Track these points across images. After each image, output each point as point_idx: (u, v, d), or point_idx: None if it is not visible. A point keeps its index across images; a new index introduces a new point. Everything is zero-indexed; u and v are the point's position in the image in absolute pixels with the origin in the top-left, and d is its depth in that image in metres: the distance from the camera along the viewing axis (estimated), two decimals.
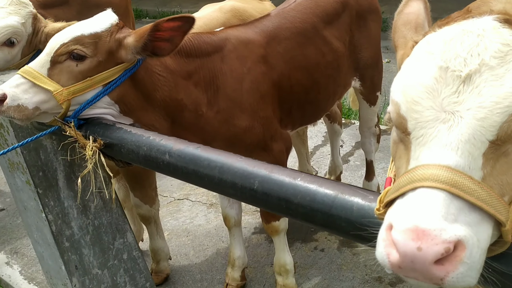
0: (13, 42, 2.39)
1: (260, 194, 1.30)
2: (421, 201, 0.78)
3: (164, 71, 2.03)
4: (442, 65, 0.85)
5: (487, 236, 0.79)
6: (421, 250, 0.73)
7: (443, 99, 0.83)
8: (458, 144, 0.79)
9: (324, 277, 2.88)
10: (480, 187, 0.78)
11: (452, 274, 0.74)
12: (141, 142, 1.65)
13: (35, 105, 1.78)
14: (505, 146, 0.81)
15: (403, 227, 0.76)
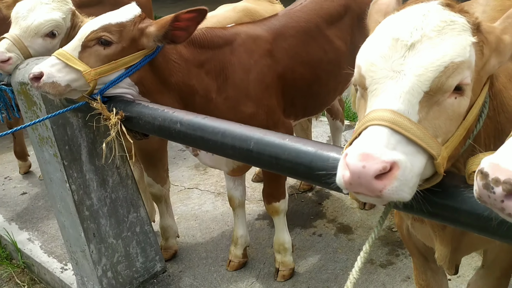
0: (54, 34, 2.69)
1: (255, 153, 1.55)
2: (369, 134, 1.02)
3: (179, 59, 2.30)
4: (394, 37, 1.10)
5: (420, 164, 1.02)
6: (365, 167, 0.97)
7: (393, 62, 1.07)
8: (400, 94, 1.03)
9: (320, 258, 3.10)
10: (416, 127, 1.02)
11: (388, 187, 0.97)
12: (156, 115, 1.92)
13: (67, 82, 2.05)
14: (437, 96, 1.05)
15: (354, 153, 1.00)
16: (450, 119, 1.08)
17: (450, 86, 1.05)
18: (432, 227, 1.57)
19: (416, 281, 2.06)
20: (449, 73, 1.04)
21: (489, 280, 1.86)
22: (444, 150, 1.06)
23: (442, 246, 1.56)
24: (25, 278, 3.51)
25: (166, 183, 3.12)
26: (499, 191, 0.85)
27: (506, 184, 0.84)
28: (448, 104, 1.06)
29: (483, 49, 1.11)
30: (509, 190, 0.84)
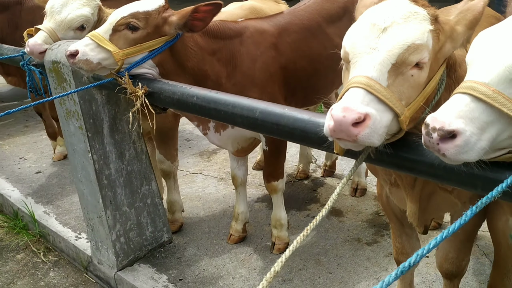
0: (84, 27, 3.04)
1: (260, 121, 1.87)
2: (349, 94, 1.33)
3: (195, 46, 2.62)
4: (371, 23, 1.42)
5: (386, 119, 1.33)
6: (345, 117, 1.27)
7: (370, 41, 1.39)
8: (374, 65, 1.35)
9: (313, 236, 3.40)
10: (385, 90, 1.33)
11: (362, 133, 1.28)
12: (175, 90, 2.24)
13: (98, 60, 2.36)
14: (401, 68, 1.36)
15: (337, 107, 1.31)
16: (411, 87, 1.39)
17: (412, 61, 1.37)
18: (404, 188, 1.88)
19: (393, 244, 2.37)
20: (411, 51, 1.36)
21: (455, 243, 2.17)
22: (407, 111, 1.38)
23: (412, 204, 1.88)
24: (41, 246, 3.81)
25: (175, 161, 3.44)
26: (435, 136, 1.17)
27: (439, 131, 1.15)
28: (410, 75, 1.38)
29: (439, 35, 1.43)
30: (442, 135, 1.15)
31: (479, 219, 2.09)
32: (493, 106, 1.15)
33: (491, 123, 1.16)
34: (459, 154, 1.17)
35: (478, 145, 1.16)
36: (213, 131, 2.95)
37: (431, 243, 1.09)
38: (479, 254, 3.09)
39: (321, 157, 4.57)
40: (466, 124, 1.15)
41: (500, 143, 1.20)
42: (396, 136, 1.42)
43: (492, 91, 1.16)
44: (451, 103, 1.20)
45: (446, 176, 1.40)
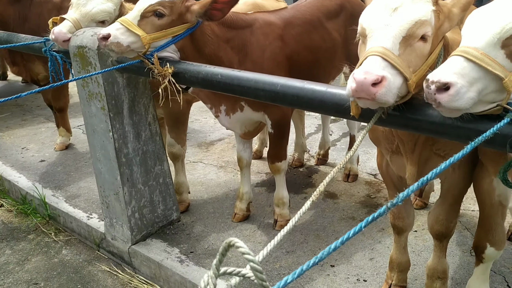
0: (105, 21, 3.29)
1: (281, 94, 2.15)
2: (368, 60, 1.62)
3: (212, 34, 2.89)
4: (385, 4, 1.73)
5: (398, 81, 1.63)
6: (365, 78, 1.57)
7: (384, 18, 1.70)
8: (388, 37, 1.65)
9: (311, 215, 3.69)
10: (397, 58, 1.63)
11: (380, 91, 1.58)
12: (200, 70, 2.50)
13: (127, 43, 2.60)
14: (410, 40, 1.67)
15: (359, 71, 1.60)
16: (417, 56, 1.70)
17: (418, 34, 1.68)
18: (405, 152, 2.19)
19: (390, 211, 2.67)
20: (418, 26, 1.67)
21: (444, 206, 2.48)
22: (414, 76, 1.68)
23: (411, 166, 2.18)
24: (51, 227, 3.99)
25: (184, 145, 3.70)
26: (433, 88, 1.47)
27: (437, 83, 1.46)
28: (417, 46, 1.69)
29: (439, 15, 1.75)
30: (438, 86, 1.46)
31: (466, 183, 2.41)
32: (481, 65, 1.47)
33: (479, 79, 1.47)
34: (452, 102, 1.47)
35: (467, 95, 1.46)
36: (224, 114, 3.21)
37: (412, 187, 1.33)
38: (462, 229, 3.43)
39: (314, 148, 4.88)
40: (458, 78, 1.46)
41: (486, 96, 1.51)
42: (405, 98, 1.72)
43: (480, 53, 1.48)
44: (447, 63, 1.51)
45: (445, 131, 1.70)
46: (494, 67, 1.46)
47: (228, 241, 0.87)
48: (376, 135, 2.39)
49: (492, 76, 1.47)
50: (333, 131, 5.37)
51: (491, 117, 1.59)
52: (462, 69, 1.47)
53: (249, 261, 0.86)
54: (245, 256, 0.86)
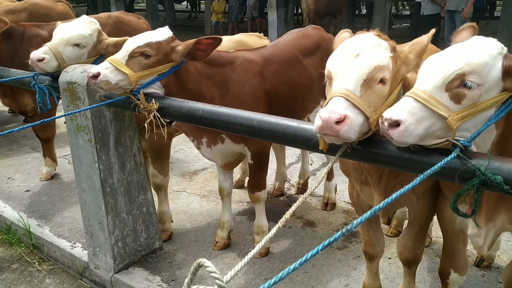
0: (81, 45, 3.50)
1: (257, 129, 2.32)
2: (333, 101, 1.82)
3: (195, 71, 3.08)
4: (348, 50, 1.93)
5: (360, 120, 1.81)
6: (330, 117, 1.75)
7: (347, 63, 1.90)
8: (350, 80, 1.85)
9: (290, 243, 3.82)
10: (358, 98, 1.82)
11: (343, 128, 1.76)
12: (182, 106, 2.68)
13: (116, 81, 2.77)
14: (370, 83, 1.87)
15: (324, 110, 1.79)
16: (377, 97, 1.90)
17: (377, 78, 1.88)
18: (372, 183, 2.37)
19: (362, 238, 2.83)
20: (377, 70, 1.87)
21: (412, 233, 2.65)
22: (374, 115, 1.87)
23: (378, 196, 2.36)
24: (35, 257, 4.04)
25: (167, 175, 3.84)
26: (386, 124, 1.67)
27: (388, 120, 1.65)
28: (377, 88, 1.89)
29: (397, 61, 1.96)
30: (390, 123, 1.65)
31: (430, 212, 2.59)
32: (427, 106, 1.67)
33: (426, 117, 1.67)
34: (401, 137, 1.67)
35: (415, 132, 1.66)
36: (206, 146, 3.37)
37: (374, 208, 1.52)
38: (433, 256, 3.59)
39: (294, 178, 5.05)
40: (407, 116, 1.66)
41: (434, 133, 1.70)
42: (367, 134, 1.90)
43: (427, 95, 1.68)
44: (399, 102, 1.72)
45: (403, 164, 1.88)
46: (438, 108, 1.67)
47: (198, 262, 1.02)
48: (346, 167, 2.57)
49: (438, 115, 1.67)
50: (313, 161, 5.56)
51: (444, 151, 1.78)
52: (412, 108, 1.67)
53: (215, 279, 1.01)
54: (212, 275, 1.01)
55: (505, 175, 1.63)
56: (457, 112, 1.69)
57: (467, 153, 1.73)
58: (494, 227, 2.19)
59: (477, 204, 1.72)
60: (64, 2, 6.68)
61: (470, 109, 1.70)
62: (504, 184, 1.62)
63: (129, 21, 5.77)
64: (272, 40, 4.02)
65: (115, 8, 14.75)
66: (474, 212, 1.75)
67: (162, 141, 3.63)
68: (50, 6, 6.38)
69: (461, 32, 2.13)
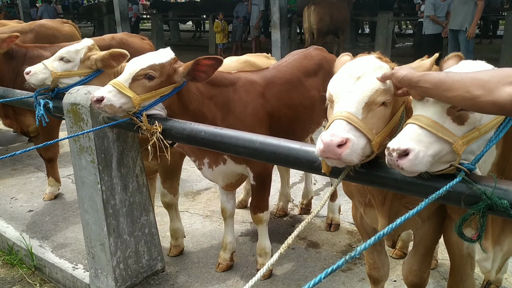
0: (66, 60, 3.63)
1: (259, 150, 2.31)
2: (334, 124, 1.80)
3: (196, 92, 3.08)
4: (349, 73, 1.93)
5: (362, 143, 1.79)
6: (332, 140, 1.73)
7: (348, 86, 1.89)
8: (352, 103, 1.84)
9: (293, 265, 3.77)
10: (360, 121, 1.81)
11: (345, 152, 1.74)
12: (185, 127, 2.67)
13: (120, 105, 2.77)
14: (372, 106, 1.85)
15: (326, 133, 1.78)
16: (379, 120, 1.89)
17: (379, 101, 1.87)
18: (376, 205, 2.34)
19: (366, 261, 2.78)
20: (378, 93, 1.86)
21: (417, 257, 2.61)
22: (377, 138, 1.86)
23: (382, 219, 2.32)
24: (36, 278, 4.00)
25: (177, 194, 3.91)
26: (394, 155, 1.64)
27: (397, 151, 1.62)
28: (378, 111, 1.88)
29: None
30: (399, 154, 1.62)
31: (436, 235, 2.55)
32: (431, 131, 1.65)
33: (433, 143, 1.65)
34: (412, 167, 1.64)
35: (425, 159, 1.63)
36: (207, 167, 3.36)
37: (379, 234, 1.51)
38: (440, 279, 3.52)
39: (298, 197, 5.01)
40: (415, 144, 1.63)
41: (441, 158, 1.68)
42: (370, 157, 1.89)
43: (431, 121, 1.66)
44: (404, 131, 1.69)
45: (407, 187, 1.86)
46: (443, 133, 1.65)
47: None
48: (349, 189, 2.55)
49: (443, 141, 1.65)
50: (317, 181, 5.53)
51: (448, 175, 1.76)
52: (418, 135, 1.65)
53: None
54: None
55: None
56: (462, 137, 1.67)
57: (472, 177, 1.70)
58: (502, 251, 2.15)
59: (483, 228, 1.69)
60: (70, 23, 6.77)
61: (474, 133, 1.68)
62: (510, 209, 1.59)
63: (133, 43, 5.82)
64: (276, 60, 4.03)
65: (121, 29, 14.93)
66: (480, 237, 1.72)
67: (175, 161, 3.65)
68: (56, 27, 6.46)
69: (447, 61, 2.14)
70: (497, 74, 1.56)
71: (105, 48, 3.91)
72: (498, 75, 1.56)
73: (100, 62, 3.61)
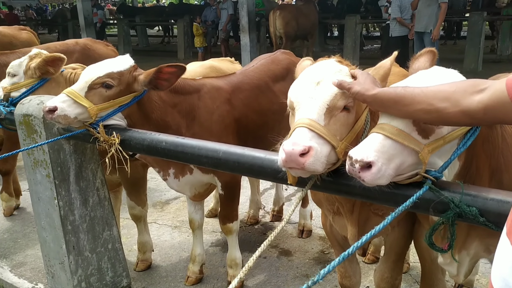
0: (9, 73, 3.52)
1: (223, 160, 2.20)
2: (296, 132, 1.71)
3: (159, 100, 2.95)
4: (309, 78, 1.85)
5: (326, 150, 1.71)
6: (293, 149, 1.64)
7: (308, 92, 1.81)
8: (313, 109, 1.75)
9: (265, 274, 3.67)
10: (322, 127, 1.72)
11: (308, 161, 1.65)
12: (145, 137, 2.54)
13: (75, 115, 2.62)
14: (334, 111, 1.77)
15: (287, 142, 1.68)
16: (343, 125, 1.81)
17: (341, 105, 1.78)
18: (345, 214, 2.26)
19: (337, 269, 2.70)
20: (339, 97, 1.78)
21: (388, 263, 2.55)
22: (341, 144, 1.78)
23: (352, 227, 2.25)
24: None
25: (145, 206, 3.75)
26: (357, 167, 1.56)
27: (360, 162, 1.55)
28: (341, 116, 1.80)
29: None
30: (362, 166, 1.55)
31: (407, 241, 2.50)
32: (397, 141, 1.58)
33: (396, 155, 1.58)
34: (374, 180, 1.57)
35: (388, 173, 1.57)
36: (173, 177, 3.22)
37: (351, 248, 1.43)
38: (412, 282, 3.49)
39: (269, 204, 4.92)
40: (379, 157, 1.55)
41: (405, 169, 1.61)
42: (336, 165, 1.80)
43: (396, 130, 1.59)
44: (368, 140, 1.61)
45: (375, 196, 1.78)
46: (410, 142, 1.58)
47: None
48: (318, 197, 2.47)
49: (409, 150, 1.59)
50: (288, 187, 5.44)
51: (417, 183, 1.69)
52: (382, 146, 1.57)
53: None
54: None
55: (480, 206, 1.56)
56: (427, 145, 1.61)
57: (440, 184, 1.64)
58: (468, 255, 2.10)
59: (453, 238, 1.63)
60: (28, 30, 6.51)
61: (439, 141, 1.62)
62: (480, 216, 1.54)
63: (97, 49, 5.64)
64: (245, 63, 3.94)
65: (85, 34, 14.58)
66: (451, 246, 1.65)
67: (138, 173, 3.50)
68: (13, 34, 6.20)
69: (419, 58, 2.07)
70: (461, 85, 1.52)
71: (69, 54, 3.74)
72: (463, 86, 1.51)
73: (37, 70, 3.45)
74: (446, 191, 1.61)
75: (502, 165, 1.86)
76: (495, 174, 1.85)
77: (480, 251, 2.04)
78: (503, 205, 1.52)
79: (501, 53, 13.14)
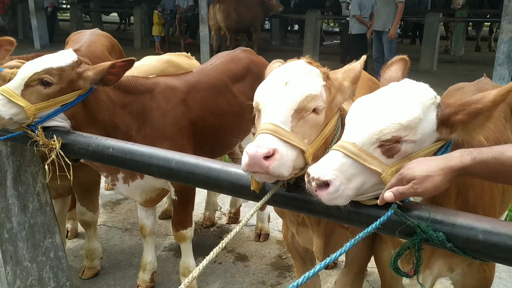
0: None
1: (176, 170, 2.03)
2: (259, 138, 1.58)
3: (107, 99, 2.72)
4: (277, 79, 1.71)
5: (292, 154, 1.59)
6: (257, 152, 1.51)
7: (276, 93, 1.67)
8: (280, 111, 1.62)
9: (220, 282, 3.52)
10: (288, 132, 1.60)
11: (272, 165, 1.52)
12: (90, 142, 2.32)
13: (10, 116, 2.36)
14: (302, 113, 1.65)
15: (251, 146, 1.54)
16: (311, 128, 1.69)
17: (310, 108, 1.67)
18: (310, 225, 2.15)
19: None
20: (308, 100, 1.66)
21: (349, 276, 2.46)
22: (310, 148, 1.66)
23: (318, 239, 2.14)
24: None
25: (97, 211, 3.54)
26: (314, 185, 1.46)
27: (317, 180, 1.45)
28: (310, 118, 1.68)
29: (331, 89, 1.76)
30: (318, 184, 1.45)
31: (369, 253, 2.41)
32: (358, 161, 1.47)
33: (357, 174, 1.48)
34: (331, 200, 1.48)
35: (345, 193, 1.47)
36: (122, 182, 3.00)
37: (317, 267, 1.36)
38: None
39: (226, 205, 4.76)
40: (337, 176, 1.46)
41: (368, 189, 1.52)
42: (303, 170, 1.67)
43: (358, 149, 1.49)
44: (327, 157, 1.51)
45: (339, 215, 1.66)
46: (371, 163, 1.49)
47: None
48: (280, 209, 2.34)
49: (371, 171, 1.49)
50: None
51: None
52: (341, 165, 1.48)
53: None
54: None
55: (448, 231, 1.47)
56: (391, 166, 1.51)
57: (407, 205, 1.55)
58: (431, 275, 2.05)
59: (419, 263, 1.54)
60: None
61: (405, 161, 1.53)
62: (446, 242, 1.46)
63: None
64: (204, 56, 3.75)
65: (35, 19, 13.80)
66: (416, 271, 1.56)
67: (91, 177, 3.27)
68: None
69: (390, 66, 1.98)
70: None
71: None
72: None
73: None
74: (414, 212, 1.52)
75: (468, 183, 1.80)
76: (461, 192, 1.79)
77: (443, 270, 1.98)
78: (470, 231, 1.44)
79: (455, 53, 13.53)
